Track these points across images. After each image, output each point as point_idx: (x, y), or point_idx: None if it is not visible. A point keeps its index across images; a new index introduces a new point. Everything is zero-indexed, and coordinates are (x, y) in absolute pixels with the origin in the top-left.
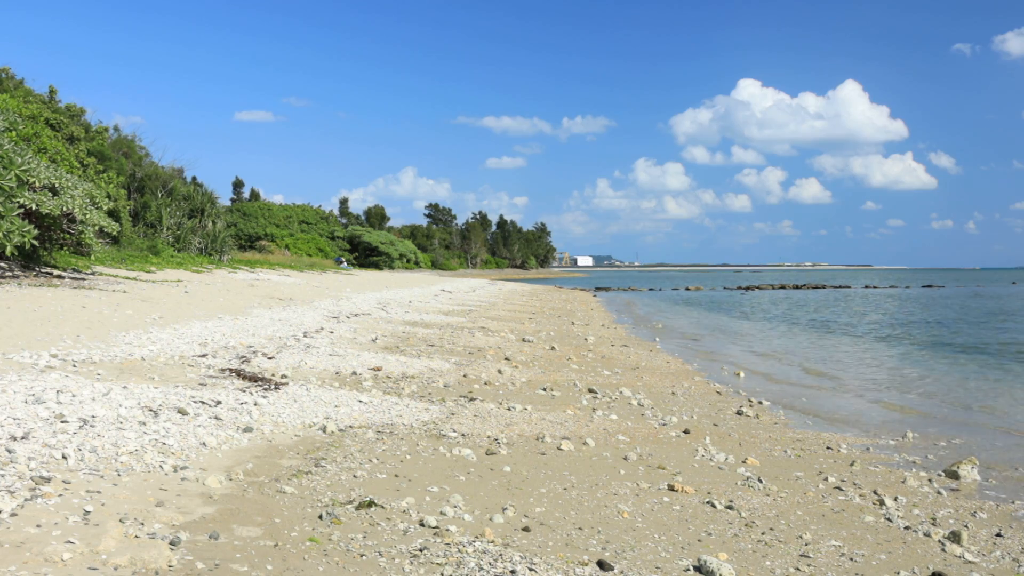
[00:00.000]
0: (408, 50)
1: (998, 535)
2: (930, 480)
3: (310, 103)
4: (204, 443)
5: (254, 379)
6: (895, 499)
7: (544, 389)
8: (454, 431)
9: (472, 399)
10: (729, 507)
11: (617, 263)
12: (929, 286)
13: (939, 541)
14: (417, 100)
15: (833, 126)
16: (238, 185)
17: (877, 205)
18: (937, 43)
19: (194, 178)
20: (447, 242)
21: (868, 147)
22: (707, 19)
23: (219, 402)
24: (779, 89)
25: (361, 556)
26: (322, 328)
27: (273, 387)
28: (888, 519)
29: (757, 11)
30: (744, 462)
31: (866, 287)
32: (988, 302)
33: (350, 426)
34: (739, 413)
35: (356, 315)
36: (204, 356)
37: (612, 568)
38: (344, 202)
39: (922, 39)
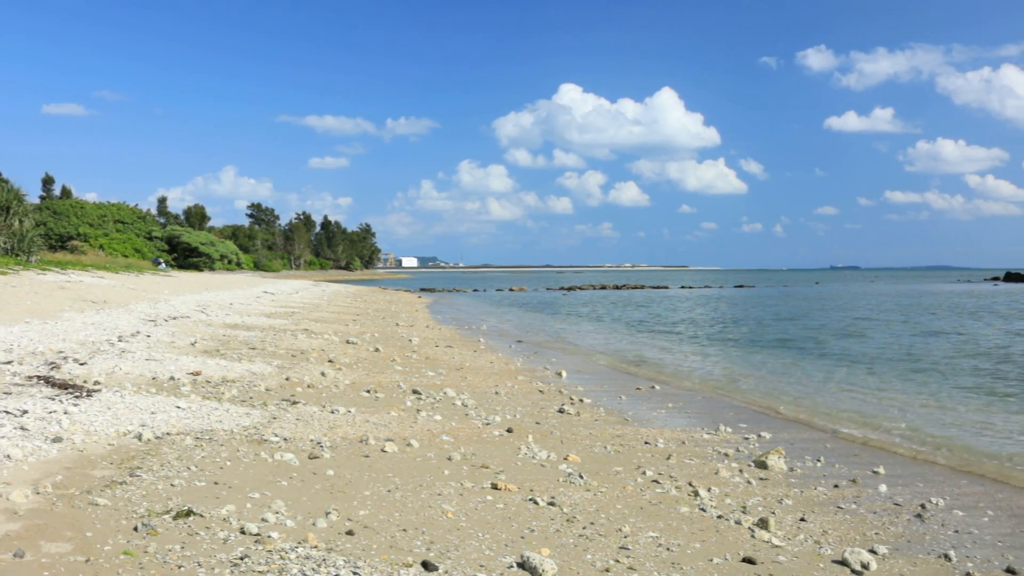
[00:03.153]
0: (228, 44)
1: (802, 520)
2: (741, 471)
3: (124, 97)
4: (8, 455)
5: (64, 386)
6: (709, 490)
7: (368, 391)
8: (276, 435)
9: (295, 402)
10: (551, 503)
11: (442, 264)
12: (741, 286)
13: (749, 528)
14: (238, 97)
15: (650, 132)
16: (48, 182)
17: (692, 208)
18: (745, 56)
19: None
20: (270, 243)
21: (683, 153)
22: (529, 25)
23: (25, 411)
24: (599, 95)
25: (179, 567)
26: (138, 332)
27: (85, 394)
28: (702, 509)
29: (578, 18)
30: (566, 459)
31: (683, 287)
32: (794, 301)
33: (167, 433)
34: (561, 411)
35: (175, 318)
36: (9, 363)
37: (436, 568)
38: (162, 201)
39: (732, 52)
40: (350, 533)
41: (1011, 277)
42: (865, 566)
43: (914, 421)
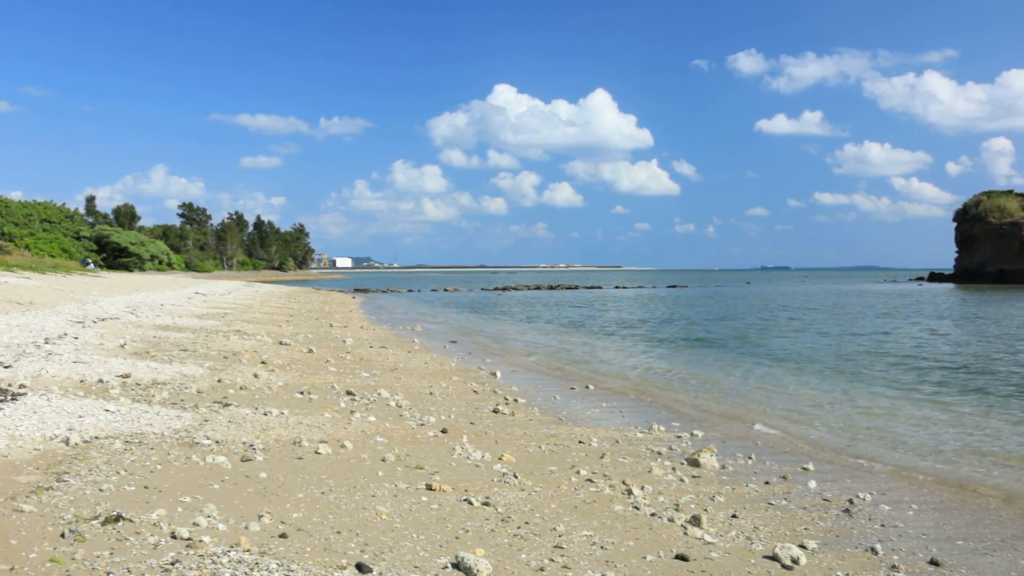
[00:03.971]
0: (158, 42)
1: (734, 516)
2: (674, 469)
3: (51, 94)
4: None
5: None
6: (642, 488)
7: (301, 392)
8: (208, 438)
9: (227, 405)
10: (486, 504)
11: (376, 264)
12: (674, 286)
13: (682, 525)
14: (168, 94)
15: (584, 133)
16: None
17: (625, 209)
18: (678, 58)
19: None
20: (202, 243)
21: (617, 154)
22: (463, 26)
23: None
24: (533, 96)
25: (108, 574)
26: (66, 334)
27: (9, 398)
28: (636, 507)
29: (512, 19)
30: (500, 459)
31: (616, 288)
32: (726, 301)
33: (96, 437)
34: (495, 411)
35: (103, 319)
36: None
37: (371, 570)
38: (91, 200)
39: (664, 54)
40: (283, 536)
41: (935, 277)
42: (795, 561)
43: (843, 418)
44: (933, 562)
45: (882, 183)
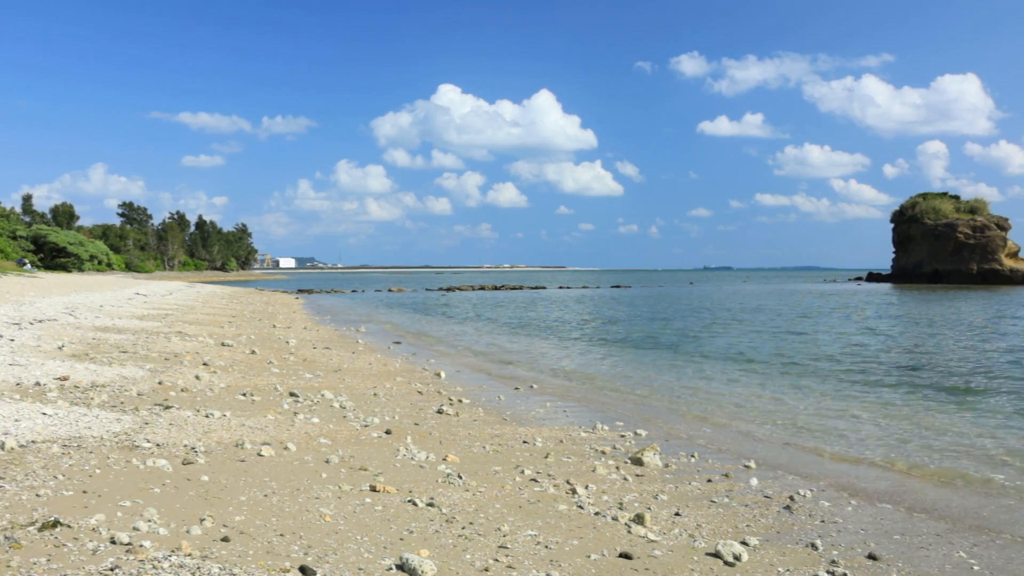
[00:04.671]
0: (97, 37)
1: (677, 514)
2: (618, 468)
3: None
4: None
5: None
6: (586, 487)
7: (244, 394)
8: (148, 441)
9: (168, 407)
10: (430, 504)
11: (320, 265)
12: (617, 286)
13: (625, 524)
14: (107, 92)
15: (528, 133)
16: None
17: (570, 210)
18: (621, 60)
19: None
20: (143, 243)
21: (561, 155)
22: (407, 26)
23: None
24: (478, 96)
25: None
26: (1, 336)
27: None
28: (580, 507)
29: (457, 20)
30: (445, 459)
31: (560, 288)
32: (669, 301)
33: (33, 441)
34: (440, 412)
35: (41, 321)
36: None
37: (315, 573)
38: (27, 199)
39: (608, 56)
40: (225, 540)
41: (873, 277)
42: (737, 557)
43: (784, 416)
44: (871, 556)
45: (822, 185)
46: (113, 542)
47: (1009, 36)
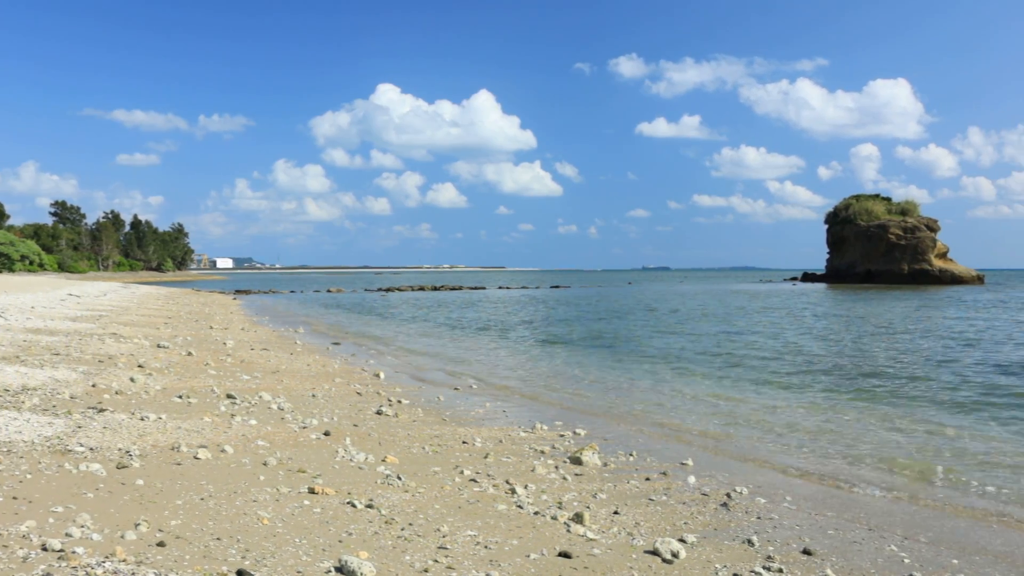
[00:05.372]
0: (25, 32)
1: (616, 513)
2: (557, 467)
3: None
4: None
5: None
6: (526, 487)
7: (180, 396)
8: (81, 445)
9: (102, 410)
10: (369, 506)
11: (258, 265)
12: (557, 287)
13: (565, 523)
14: (37, 87)
15: (468, 134)
16: None
17: (509, 210)
18: (560, 61)
19: None
20: (76, 243)
21: (500, 155)
22: (346, 25)
23: None
24: (417, 96)
25: None
26: None
27: None
28: (519, 506)
29: (395, 20)
30: (384, 460)
31: (500, 288)
32: (608, 301)
33: None
34: (379, 413)
35: None
36: None
37: None
38: None
39: (547, 57)
40: (161, 544)
41: (808, 277)
42: (675, 555)
43: (721, 414)
44: (806, 552)
45: (758, 186)
46: (45, 549)
47: (937, 43)
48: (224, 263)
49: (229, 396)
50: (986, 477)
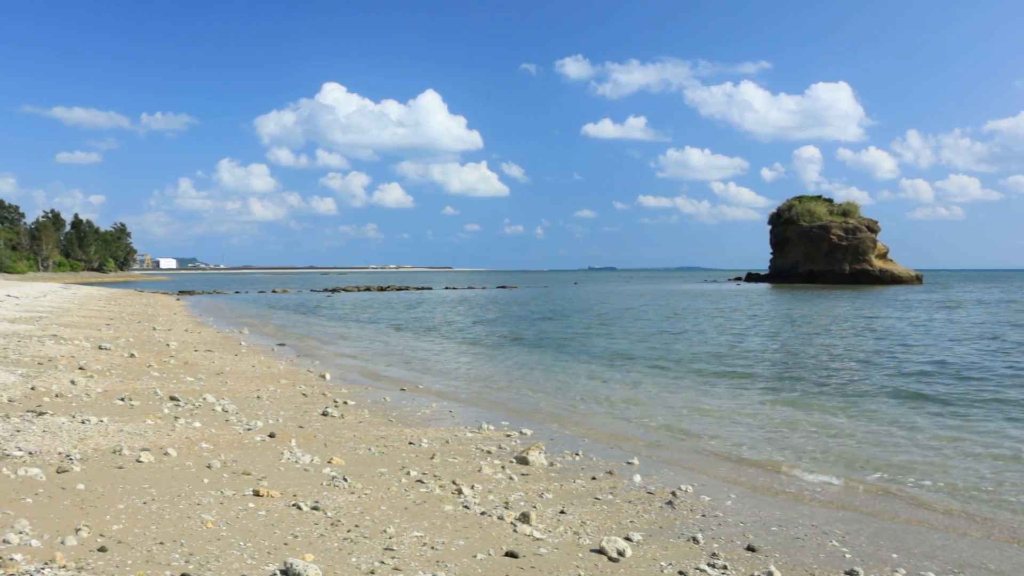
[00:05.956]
0: None
1: (562, 512)
2: (503, 467)
3: None
4: None
5: None
6: (472, 487)
7: (122, 399)
8: (20, 449)
9: (41, 413)
10: (315, 508)
11: (202, 265)
12: (503, 287)
13: (511, 523)
14: None
15: (414, 134)
16: None
17: (456, 210)
18: (507, 62)
19: None
20: (14, 243)
21: (447, 155)
22: (292, 24)
23: None
24: (363, 95)
25: None
26: None
27: None
28: (466, 506)
29: (341, 20)
30: (330, 462)
31: (447, 288)
32: (554, 301)
33: None
34: (325, 414)
35: None
36: None
37: None
38: None
39: (494, 57)
40: (103, 550)
41: (751, 277)
42: (621, 553)
43: (666, 413)
44: (750, 548)
45: (702, 187)
46: None
47: (877, 48)
48: (167, 263)
49: (172, 398)
50: (923, 473)
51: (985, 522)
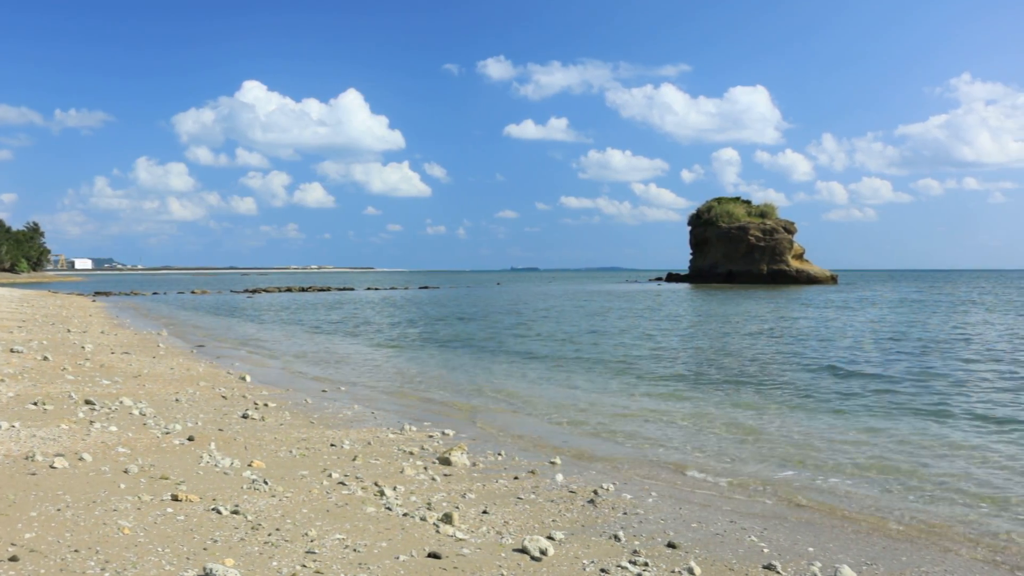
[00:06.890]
0: None
1: (484, 512)
2: (426, 468)
3: None
4: None
5: None
6: (395, 489)
7: (35, 403)
8: None
9: None
10: (235, 512)
11: (119, 266)
12: (426, 287)
13: (434, 524)
14: None
15: (336, 133)
16: None
17: (378, 211)
18: (429, 62)
19: None
20: None
21: (368, 155)
22: (211, 19)
23: None
24: (284, 94)
25: None
26: None
27: None
28: (388, 508)
29: (261, 17)
30: (250, 465)
31: (368, 289)
32: (477, 301)
33: None
34: (245, 416)
35: None
36: None
37: None
38: None
39: (416, 57)
40: (14, 559)
41: (672, 277)
42: (543, 552)
43: (588, 413)
44: (671, 545)
45: (623, 188)
46: None
47: (793, 53)
48: (83, 264)
49: (88, 402)
50: (838, 468)
51: (899, 516)
